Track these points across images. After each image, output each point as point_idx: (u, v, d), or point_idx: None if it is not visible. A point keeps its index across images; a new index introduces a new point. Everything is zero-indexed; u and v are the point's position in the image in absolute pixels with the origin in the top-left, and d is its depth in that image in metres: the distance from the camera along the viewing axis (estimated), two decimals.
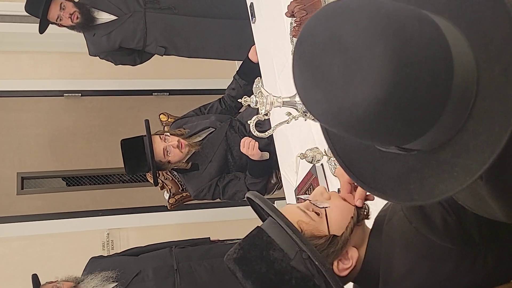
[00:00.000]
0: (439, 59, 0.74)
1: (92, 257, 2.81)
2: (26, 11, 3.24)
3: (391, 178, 0.84)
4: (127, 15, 3.28)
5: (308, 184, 2.24)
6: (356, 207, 1.17)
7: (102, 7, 3.28)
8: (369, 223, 1.22)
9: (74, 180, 4.84)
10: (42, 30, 3.28)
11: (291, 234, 1.07)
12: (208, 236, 3.10)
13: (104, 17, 3.29)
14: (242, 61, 3.07)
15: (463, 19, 0.79)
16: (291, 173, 2.47)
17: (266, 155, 2.74)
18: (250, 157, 2.73)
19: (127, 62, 3.53)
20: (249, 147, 2.66)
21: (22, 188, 4.61)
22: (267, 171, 2.87)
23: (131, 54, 3.47)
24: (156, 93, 4.82)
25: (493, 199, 0.89)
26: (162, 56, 3.46)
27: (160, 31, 3.32)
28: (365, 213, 1.19)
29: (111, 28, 3.28)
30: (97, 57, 3.48)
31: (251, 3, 2.93)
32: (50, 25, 3.28)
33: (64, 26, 3.26)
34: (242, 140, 2.70)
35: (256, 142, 2.66)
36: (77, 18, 3.19)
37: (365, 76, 0.71)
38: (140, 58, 3.51)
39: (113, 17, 3.29)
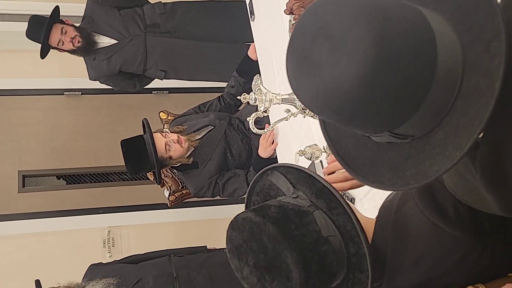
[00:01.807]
0: (421, 38, 0.77)
1: (91, 264, 2.83)
2: (28, 37, 3.23)
3: (389, 169, 0.86)
4: (128, 39, 3.28)
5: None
6: None
7: (103, 31, 3.28)
8: (373, 215, 1.23)
9: (75, 178, 4.85)
10: (43, 55, 3.28)
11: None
12: (205, 245, 3.13)
13: (104, 41, 3.29)
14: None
15: (446, 8, 0.82)
16: None
17: (275, 154, 2.75)
18: (260, 152, 2.72)
19: (127, 86, 3.52)
20: (267, 140, 2.67)
21: (23, 186, 4.63)
22: None
23: (131, 79, 3.47)
24: (155, 91, 4.83)
25: (489, 192, 0.90)
26: (162, 80, 3.47)
27: (160, 55, 3.32)
28: None
29: (111, 52, 3.28)
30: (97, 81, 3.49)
31: (250, 1, 2.94)
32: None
33: (65, 51, 3.27)
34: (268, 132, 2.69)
35: (276, 143, 2.66)
36: (79, 42, 3.19)
37: (349, 55, 0.74)
38: (140, 82, 3.51)
39: (114, 41, 3.29)
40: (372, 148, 0.89)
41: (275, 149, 2.69)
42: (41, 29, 3.15)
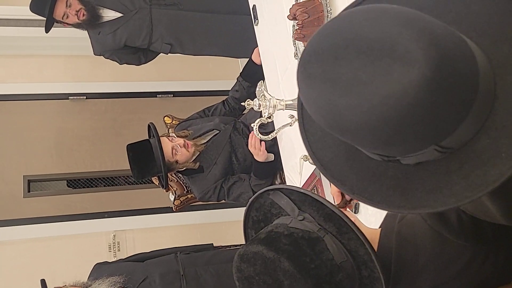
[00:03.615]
0: (459, 38, 0.74)
1: (97, 263, 2.82)
2: (32, 10, 3.19)
3: (426, 192, 0.80)
4: (133, 12, 3.25)
5: (312, 185, 2.25)
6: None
7: (108, 4, 3.25)
8: (377, 222, 1.24)
9: (80, 182, 4.87)
10: (48, 29, 3.24)
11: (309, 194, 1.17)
12: (211, 242, 3.11)
13: (109, 14, 3.26)
14: (246, 61, 3.08)
15: (449, 21, 0.81)
16: (295, 175, 2.49)
17: (271, 157, 2.76)
18: (255, 158, 2.74)
19: (132, 61, 3.49)
20: (255, 146, 2.67)
21: (29, 191, 4.64)
22: (271, 173, 2.88)
23: (136, 53, 3.43)
24: (160, 95, 4.84)
25: (491, 201, 0.90)
26: (168, 54, 3.44)
27: (166, 27, 3.29)
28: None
29: (116, 25, 3.26)
30: (102, 56, 3.47)
31: (254, 5, 2.94)
32: (54, 28, 3.28)
33: (70, 25, 3.23)
34: (250, 137, 2.71)
35: (263, 143, 2.66)
36: (83, 15, 3.16)
37: (403, 61, 0.69)
38: (145, 57, 3.48)
39: (119, 15, 3.26)
40: (395, 176, 0.83)
41: (279, 153, 2.70)
42: (45, 2, 3.12)
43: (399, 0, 0.83)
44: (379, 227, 1.22)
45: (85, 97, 4.72)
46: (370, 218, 1.86)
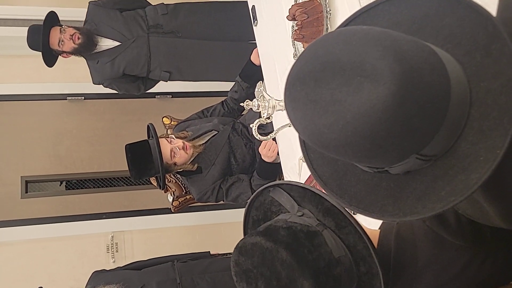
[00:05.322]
0: (429, 52, 0.77)
1: (94, 271, 2.82)
2: (30, 47, 3.21)
3: (417, 199, 0.83)
4: (130, 40, 3.25)
5: (311, 186, 2.24)
6: None
7: (105, 33, 3.26)
8: (376, 223, 1.23)
9: (78, 183, 4.86)
10: (47, 60, 3.25)
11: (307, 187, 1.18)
12: (208, 250, 3.11)
13: (107, 43, 3.27)
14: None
15: (427, 35, 0.84)
16: (293, 175, 2.48)
17: (278, 158, 2.75)
18: (264, 159, 2.72)
19: (131, 89, 3.49)
20: (269, 149, 2.66)
21: (26, 192, 4.63)
22: (275, 173, 2.87)
23: (135, 81, 3.44)
24: (159, 96, 4.83)
25: (490, 205, 0.90)
26: (167, 82, 3.44)
27: (164, 55, 3.29)
28: None
29: (114, 54, 3.26)
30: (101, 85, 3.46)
31: (253, 6, 2.94)
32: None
33: (68, 53, 3.23)
34: (264, 142, 2.69)
35: (277, 146, 2.65)
36: (78, 38, 3.16)
37: (371, 78, 0.73)
38: (144, 85, 3.48)
39: (117, 43, 3.27)
40: (388, 186, 0.87)
41: (278, 154, 2.69)
42: (39, 34, 3.14)
43: (379, 20, 0.88)
44: (379, 228, 1.21)
45: (83, 97, 4.71)
46: (369, 218, 1.85)
